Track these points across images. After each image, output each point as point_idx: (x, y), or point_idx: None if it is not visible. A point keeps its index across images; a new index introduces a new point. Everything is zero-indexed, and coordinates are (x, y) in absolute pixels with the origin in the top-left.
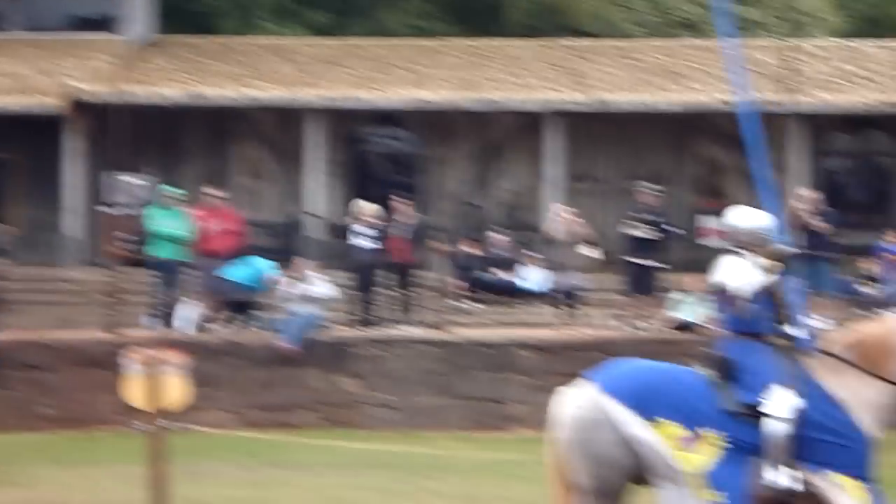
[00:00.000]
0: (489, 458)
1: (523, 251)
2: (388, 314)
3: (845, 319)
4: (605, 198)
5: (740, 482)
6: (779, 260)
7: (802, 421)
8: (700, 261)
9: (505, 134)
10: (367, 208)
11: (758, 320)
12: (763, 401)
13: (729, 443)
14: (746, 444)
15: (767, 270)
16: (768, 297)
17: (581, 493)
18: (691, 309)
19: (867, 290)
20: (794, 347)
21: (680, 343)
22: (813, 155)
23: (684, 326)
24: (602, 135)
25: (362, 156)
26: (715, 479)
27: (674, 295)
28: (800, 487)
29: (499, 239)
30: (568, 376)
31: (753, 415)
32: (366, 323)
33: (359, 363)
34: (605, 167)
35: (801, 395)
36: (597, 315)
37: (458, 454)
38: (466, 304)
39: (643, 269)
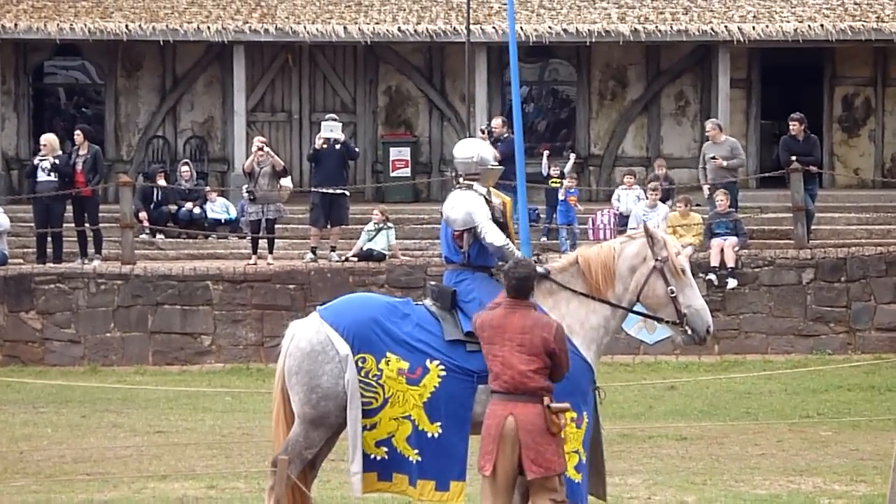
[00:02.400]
0: (177, 392)
1: (211, 184)
2: (73, 248)
3: (535, 245)
4: (293, 129)
5: (455, 411)
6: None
7: None
8: (388, 191)
9: (192, 65)
10: (49, 141)
11: (484, 252)
12: None
13: (448, 371)
14: (471, 374)
15: (494, 202)
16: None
17: (301, 422)
18: (380, 238)
19: (548, 216)
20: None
21: (369, 272)
22: (497, 84)
23: (373, 256)
24: (289, 65)
25: (43, 88)
26: (430, 410)
27: (364, 225)
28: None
29: (186, 171)
30: (258, 308)
31: (477, 343)
32: (49, 258)
33: (42, 299)
34: (292, 99)
35: None
36: (286, 246)
37: (145, 388)
38: (153, 238)
39: (333, 199)
